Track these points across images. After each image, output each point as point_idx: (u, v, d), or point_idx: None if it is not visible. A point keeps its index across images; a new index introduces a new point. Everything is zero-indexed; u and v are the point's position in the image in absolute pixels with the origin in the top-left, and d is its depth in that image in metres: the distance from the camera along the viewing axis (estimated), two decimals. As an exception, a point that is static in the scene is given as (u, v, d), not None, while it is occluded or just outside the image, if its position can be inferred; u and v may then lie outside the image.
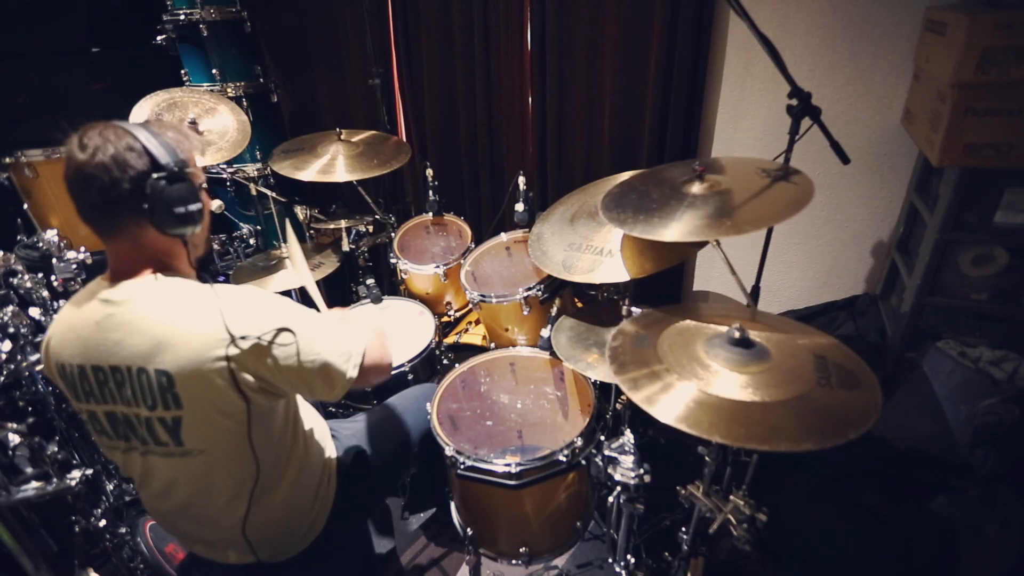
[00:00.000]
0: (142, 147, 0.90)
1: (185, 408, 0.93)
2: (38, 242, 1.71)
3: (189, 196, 0.94)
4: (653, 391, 0.98)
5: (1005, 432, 1.50)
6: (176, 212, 0.93)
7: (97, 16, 2.63)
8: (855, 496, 1.61)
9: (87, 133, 0.89)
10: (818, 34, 1.90)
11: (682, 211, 1.22)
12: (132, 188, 0.89)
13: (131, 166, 0.89)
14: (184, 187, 0.94)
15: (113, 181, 0.88)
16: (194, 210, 0.96)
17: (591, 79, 2.28)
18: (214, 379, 0.92)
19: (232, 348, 0.91)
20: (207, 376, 0.91)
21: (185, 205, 0.94)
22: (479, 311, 1.93)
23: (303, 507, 1.16)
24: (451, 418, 1.63)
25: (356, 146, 2.19)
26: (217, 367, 0.91)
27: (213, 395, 0.93)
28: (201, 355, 0.90)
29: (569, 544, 1.56)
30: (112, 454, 1.04)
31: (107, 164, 0.88)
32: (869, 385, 0.95)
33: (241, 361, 0.92)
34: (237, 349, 0.91)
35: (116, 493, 1.84)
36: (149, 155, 0.91)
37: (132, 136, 0.90)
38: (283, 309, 1.00)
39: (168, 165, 0.92)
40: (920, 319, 1.79)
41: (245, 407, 0.96)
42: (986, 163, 1.49)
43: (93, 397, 0.96)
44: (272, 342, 0.95)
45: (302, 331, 0.98)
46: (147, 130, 0.93)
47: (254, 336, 0.93)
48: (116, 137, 0.89)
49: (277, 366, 0.96)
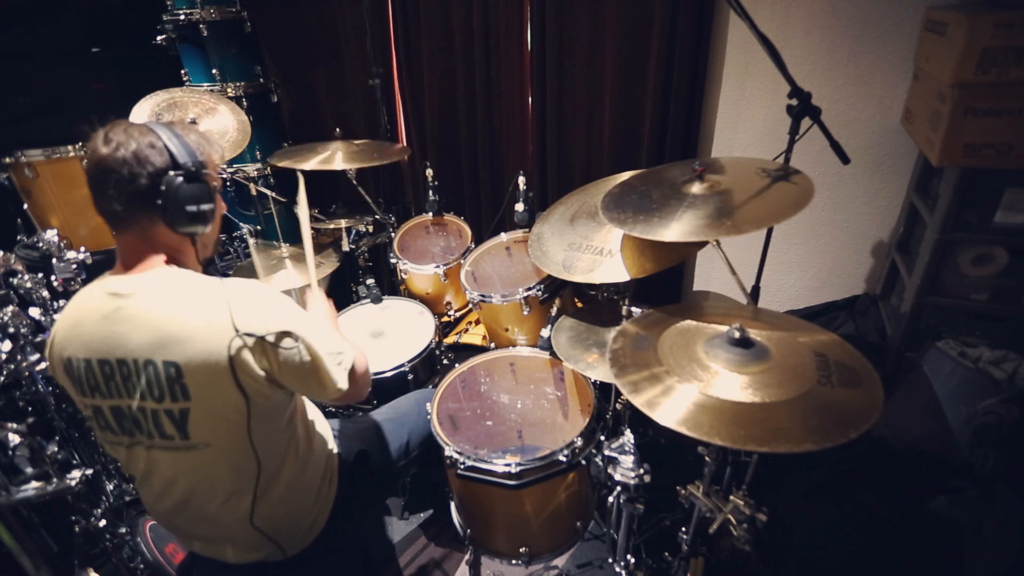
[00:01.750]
0: (163, 145, 0.95)
1: (193, 399, 0.94)
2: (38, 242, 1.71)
3: (202, 196, 0.98)
4: (654, 394, 0.98)
5: (1005, 432, 1.50)
6: (188, 210, 0.97)
7: (97, 16, 2.62)
8: (855, 496, 1.61)
9: (113, 129, 0.94)
10: (818, 34, 1.90)
11: (682, 211, 1.22)
12: (149, 183, 0.93)
13: (151, 162, 0.93)
14: (199, 187, 0.98)
15: (132, 175, 0.92)
16: (206, 209, 0.99)
17: (591, 79, 2.28)
18: (220, 371, 0.93)
19: (236, 341, 0.93)
20: (214, 368, 0.93)
21: (197, 204, 0.98)
22: (479, 311, 1.93)
23: (305, 503, 1.16)
24: (451, 418, 1.63)
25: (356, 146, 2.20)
26: (222, 359, 0.92)
27: (219, 387, 0.94)
28: (209, 347, 0.92)
29: (569, 544, 1.56)
30: (116, 450, 1.04)
31: (128, 159, 0.92)
32: (870, 383, 0.95)
33: (243, 355, 0.93)
34: (241, 343, 0.93)
35: (116, 493, 1.83)
36: (169, 153, 0.95)
37: (155, 135, 0.95)
38: (288, 310, 1.01)
39: (186, 164, 0.96)
40: (920, 319, 1.79)
41: (245, 402, 0.97)
42: (986, 163, 1.49)
43: (99, 392, 0.97)
44: (275, 343, 0.96)
45: (304, 335, 1.00)
46: (170, 130, 0.98)
47: (258, 334, 0.94)
48: (140, 134, 0.94)
49: (279, 364, 0.97)
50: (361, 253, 2.36)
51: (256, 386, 0.97)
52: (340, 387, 1.07)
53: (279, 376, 0.99)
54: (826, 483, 1.67)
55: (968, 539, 1.44)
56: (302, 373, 1.01)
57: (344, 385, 1.07)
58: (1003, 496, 1.44)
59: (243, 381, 0.95)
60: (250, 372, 0.95)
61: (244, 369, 0.94)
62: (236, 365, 0.93)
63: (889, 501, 1.57)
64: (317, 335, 1.03)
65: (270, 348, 0.96)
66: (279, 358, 0.97)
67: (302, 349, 0.99)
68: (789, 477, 1.72)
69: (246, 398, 0.96)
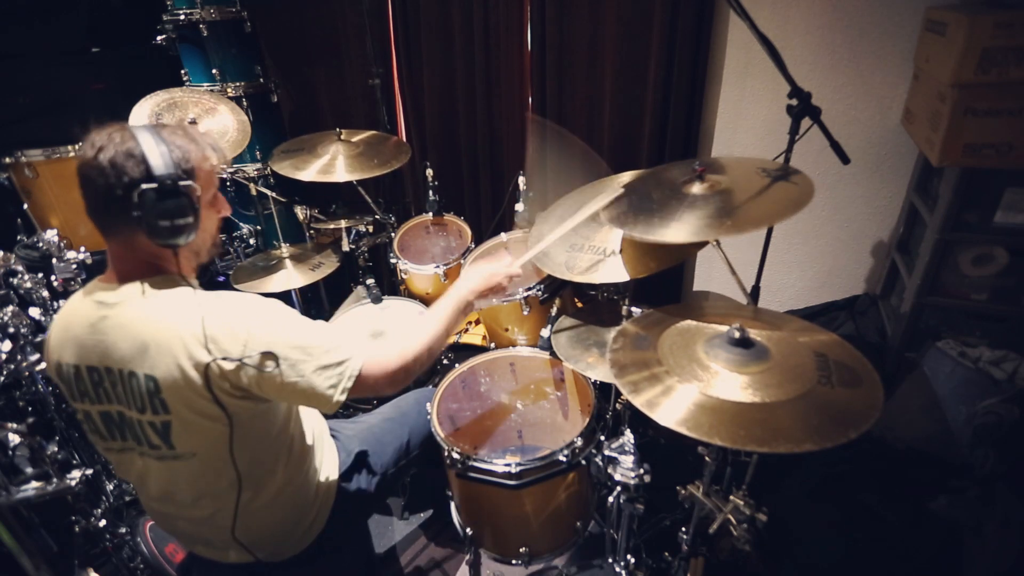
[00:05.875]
0: (141, 154, 0.89)
1: (172, 413, 0.93)
2: (38, 242, 1.71)
3: (178, 210, 0.91)
4: (654, 394, 0.98)
5: (1005, 432, 1.50)
6: (162, 224, 0.91)
7: (97, 16, 2.62)
8: (855, 496, 1.61)
9: (99, 133, 0.90)
10: (818, 34, 1.90)
11: (683, 211, 1.22)
12: (124, 195, 0.89)
13: (126, 172, 0.88)
14: (175, 201, 0.91)
15: (108, 186, 0.88)
16: (181, 224, 0.92)
17: (591, 79, 2.28)
18: (195, 391, 0.91)
19: (213, 367, 0.90)
20: (190, 386, 0.91)
21: (172, 219, 0.91)
22: (479, 311, 1.93)
23: (297, 510, 1.15)
24: (451, 418, 1.63)
25: (356, 146, 2.19)
26: (196, 376, 0.90)
27: (196, 402, 0.92)
28: (184, 365, 0.90)
29: (569, 544, 1.56)
30: (108, 454, 1.04)
31: (104, 167, 0.88)
32: (870, 382, 0.95)
33: (220, 379, 0.92)
34: (217, 369, 0.91)
35: (116, 493, 1.83)
36: (146, 163, 0.89)
37: (135, 141, 0.89)
38: (268, 328, 0.95)
39: (162, 176, 0.89)
40: (920, 319, 1.79)
41: (226, 418, 0.95)
42: (986, 163, 1.49)
43: (88, 397, 0.97)
44: (256, 367, 0.93)
45: (287, 354, 0.95)
46: (155, 136, 0.91)
47: (235, 357, 0.91)
48: (121, 140, 0.89)
49: (261, 384, 0.95)
50: (361, 253, 2.36)
51: (236, 403, 0.95)
52: (335, 401, 1.00)
53: (264, 393, 0.96)
54: (826, 483, 1.67)
55: (968, 539, 1.44)
56: (288, 392, 0.97)
57: (340, 398, 1.00)
58: (1003, 496, 1.44)
59: (222, 399, 0.93)
60: (228, 391, 0.93)
61: (221, 388, 0.92)
62: (213, 385, 0.91)
63: (889, 501, 1.57)
64: (303, 349, 0.97)
65: (250, 369, 0.92)
66: (260, 379, 0.94)
67: (284, 368, 0.94)
68: (789, 477, 1.72)
69: (227, 414, 0.95)
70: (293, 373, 0.95)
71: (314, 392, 0.98)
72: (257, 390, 0.95)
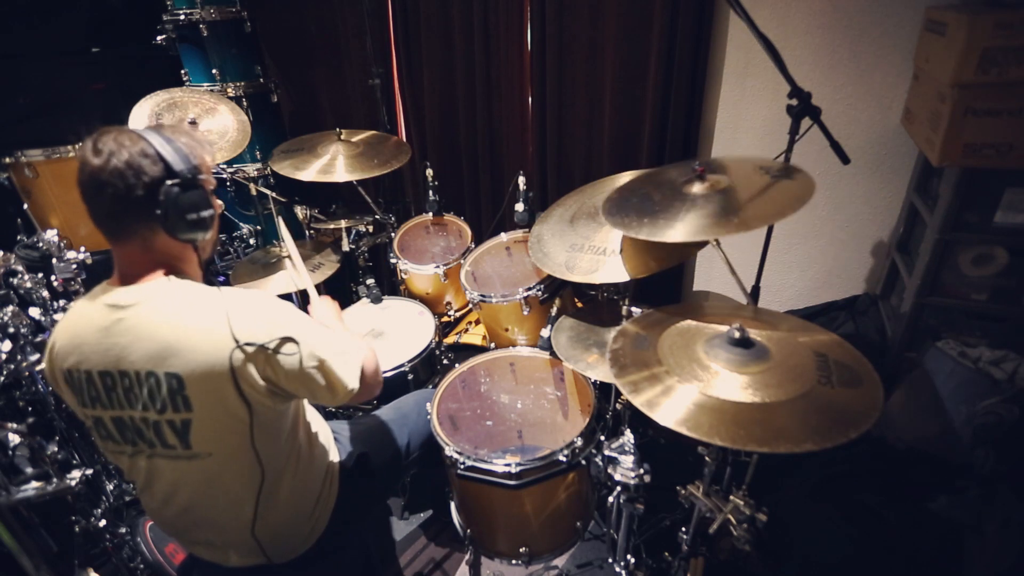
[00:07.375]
0: (156, 153, 0.91)
1: (195, 411, 0.94)
2: (38, 242, 1.71)
3: (201, 203, 0.96)
4: (654, 394, 0.98)
5: (1005, 432, 1.50)
6: (188, 218, 0.94)
7: (97, 16, 2.63)
8: (855, 496, 1.61)
9: (101, 138, 0.89)
10: (818, 34, 1.90)
11: (685, 211, 1.22)
12: (146, 194, 0.90)
13: (145, 172, 0.90)
14: (197, 194, 0.95)
15: (128, 187, 0.89)
16: (206, 216, 0.97)
17: (591, 79, 2.28)
18: (222, 382, 0.92)
19: (237, 353, 0.92)
20: (216, 379, 0.92)
21: (197, 211, 0.95)
22: (479, 311, 1.93)
23: (306, 508, 1.16)
24: (451, 418, 1.63)
25: (356, 146, 2.19)
26: (223, 370, 0.91)
27: (222, 398, 0.93)
28: (210, 358, 0.91)
29: (569, 544, 1.56)
30: (118, 459, 1.04)
31: (121, 170, 0.88)
32: (870, 382, 0.95)
33: (245, 366, 0.93)
34: (242, 354, 0.92)
35: (116, 493, 1.84)
36: (163, 161, 0.91)
37: (146, 141, 0.91)
38: (288, 316, 1.00)
39: (182, 171, 0.93)
40: (920, 319, 1.78)
41: (248, 411, 0.96)
42: (986, 163, 1.49)
43: (100, 403, 0.97)
44: (276, 350, 0.95)
45: (306, 339, 0.98)
46: (161, 136, 0.94)
47: (259, 343, 0.93)
48: (131, 142, 0.90)
49: (282, 371, 0.96)
50: (361, 253, 2.36)
51: (259, 396, 0.96)
52: (350, 387, 1.06)
53: (284, 383, 0.98)
54: (826, 483, 1.67)
55: (968, 539, 1.44)
56: (307, 378, 0.99)
57: (354, 385, 1.06)
58: (1003, 496, 1.44)
59: (246, 391, 0.94)
60: (252, 382, 0.94)
61: (246, 379, 0.93)
62: (238, 375, 0.93)
63: (889, 501, 1.57)
64: (320, 337, 1.02)
65: (272, 356, 0.94)
66: (282, 365, 0.96)
67: (305, 353, 0.98)
68: (789, 477, 1.72)
69: (249, 408, 0.96)
70: (312, 358, 0.99)
71: (332, 376, 1.02)
72: (281, 380, 0.97)
